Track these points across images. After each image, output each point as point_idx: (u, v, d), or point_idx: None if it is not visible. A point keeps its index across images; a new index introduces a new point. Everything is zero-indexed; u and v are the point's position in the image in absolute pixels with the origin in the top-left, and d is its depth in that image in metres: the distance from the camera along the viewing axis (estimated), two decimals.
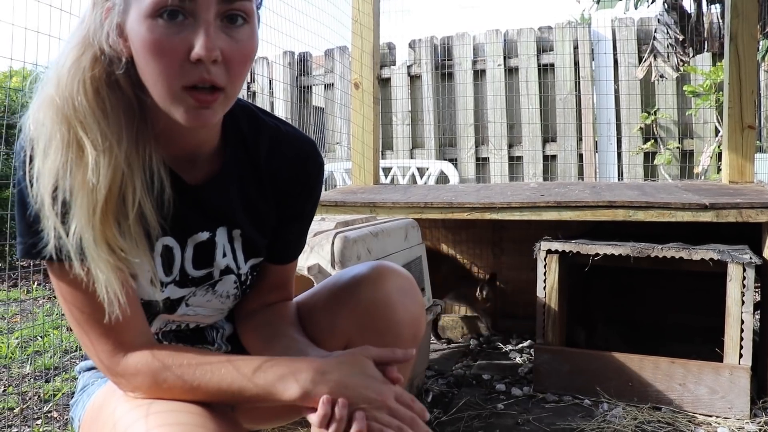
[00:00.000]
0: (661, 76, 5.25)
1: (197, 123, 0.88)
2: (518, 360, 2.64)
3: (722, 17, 5.05)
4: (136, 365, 0.93)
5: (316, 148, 1.13)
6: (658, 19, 5.48)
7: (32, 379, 2.46)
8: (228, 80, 0.87)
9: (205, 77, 0.84)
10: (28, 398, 2.27)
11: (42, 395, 2.29)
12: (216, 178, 1.02)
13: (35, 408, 2.18)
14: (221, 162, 1.03)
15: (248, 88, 6.29)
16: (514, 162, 5.65)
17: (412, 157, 5.86)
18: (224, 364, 0.94)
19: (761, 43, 5.05)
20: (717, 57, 5.25)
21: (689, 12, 5.70)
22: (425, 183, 5.49)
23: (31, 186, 0.86)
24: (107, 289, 0.87)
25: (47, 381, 2.41)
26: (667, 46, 5.29)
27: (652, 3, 5.87)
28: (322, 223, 1.99)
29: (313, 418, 0.90)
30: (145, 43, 0.83)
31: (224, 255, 1.06)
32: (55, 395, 2.28)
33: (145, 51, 0.84)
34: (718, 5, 5.48)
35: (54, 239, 0.86)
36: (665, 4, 5.64)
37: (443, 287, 2.79)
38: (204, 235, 1.04)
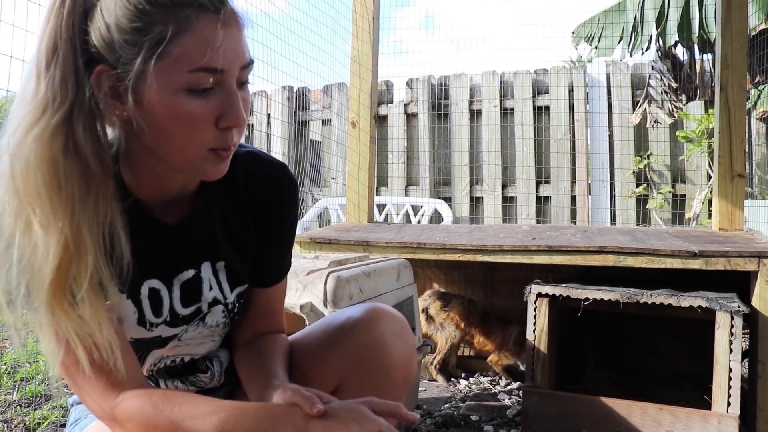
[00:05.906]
0: (656, 122, 5.33)
1: (219, 175, 0.95)
2: (507, 402, 2.63)
3: (713, 66, 5.15)
4: (127, 410, 0.93)
5: (288, 170, 1.15)
6: (653, 66, 5.59)
7: (19, 406, 2.44)
8: (239, 136, 0.94)
9: (230, 144, 0.92)
10: (13, 426, 2.25)
11: (28, 423, 2.27)
12: (199, 213, 1.05)
13: None
14: (203, 195, 1.06)
15: None
16: (508, 203, 5.69)
17: (406, 195, 5.89)
18: (217, 412, 0.92)
19: (752, 92, 5.15)
20: (709, 104, 5.34)
21: (682, 60, 5.82)
22: (419, 221, 5.52)
23: None
24: (49, 353, 0.89)
25: (34, 409, 2.40)
26: (662, 93, 5.38)
27: (646, 50, 5.98)
28: (316, 262, 2.01)
29: None
30: (179, 115, 0.87)
31: (210, 288, 1.09)
32: (41, 424, 2.26)
33: (177, 121, 0.87)
34: (710, 54, 5.60)
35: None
36: (659, 52, 5.76)
37: None
38: (189, 273, 1.06)
